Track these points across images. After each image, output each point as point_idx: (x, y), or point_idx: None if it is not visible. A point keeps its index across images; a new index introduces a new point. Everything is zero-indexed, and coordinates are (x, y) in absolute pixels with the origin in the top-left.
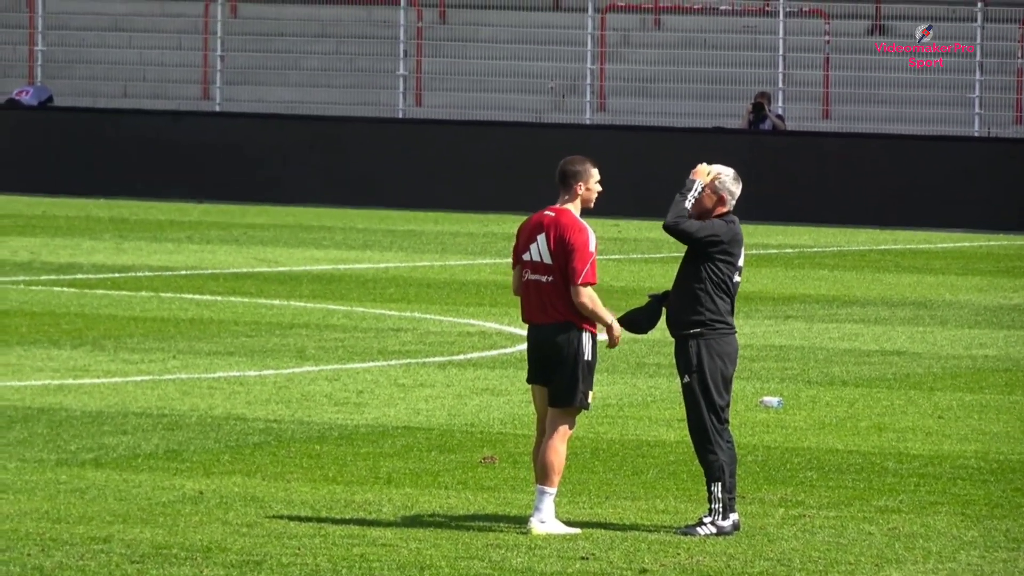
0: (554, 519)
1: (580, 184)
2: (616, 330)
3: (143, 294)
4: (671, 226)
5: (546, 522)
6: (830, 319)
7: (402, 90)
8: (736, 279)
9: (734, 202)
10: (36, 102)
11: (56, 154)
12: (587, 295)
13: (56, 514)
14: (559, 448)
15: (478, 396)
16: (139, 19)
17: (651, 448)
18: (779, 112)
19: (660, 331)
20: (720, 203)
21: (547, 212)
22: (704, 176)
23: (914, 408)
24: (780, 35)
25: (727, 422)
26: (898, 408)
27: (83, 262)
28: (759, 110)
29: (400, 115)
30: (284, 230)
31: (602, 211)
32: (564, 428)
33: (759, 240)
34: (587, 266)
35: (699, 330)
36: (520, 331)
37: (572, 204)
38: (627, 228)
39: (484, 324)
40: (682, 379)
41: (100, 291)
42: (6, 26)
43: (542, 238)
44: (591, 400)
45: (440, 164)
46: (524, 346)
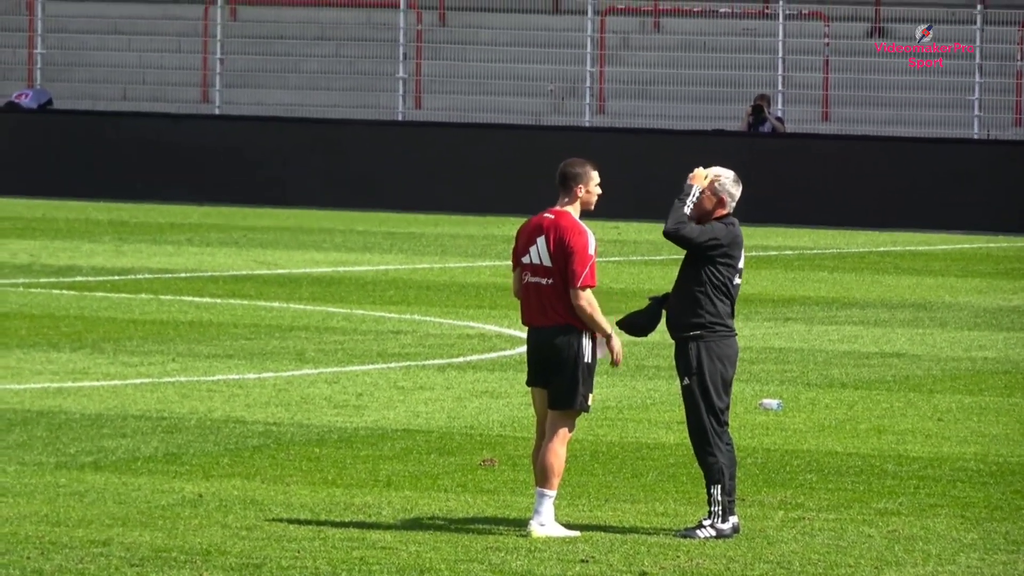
0: (554, 522)
1: (580, 186)
2: (616, 345)
3: (142, 297)
4: (671, 232)
5: (546, 525)
6: (829, 321)
7: (402, 92)
8: (736, 281)
9: (734, 204)
10: (36, 105)
11: (56, 157)
12: (586, 299)
13: (55, 517)
14: (559, 451)
15: (478, 399)
16: (139, 22)
17: (651, 451)
18: (779, 114)
19: (660, 333)
20: (720, 205)
21: (547, 214)
22: (702, 180)
23: (913, 410)
24: (779, 37)
25: (727, 424)
26: (897, 410)
27: (82, 265)
28: (759, 112)
29: (400, 117)
30: (284, 232)
31: (602, 213)
32: (564, 431)
33: (758, 242)
34: (587, 269)
35: (699, 332)
36: (520, 333)
37: (572, 206)
38: (627, 230)
39: (484, 326)
40: (682, 381)
41: (99, 294)
42: (6, 29)
43: (542, 240)
44: (591, 403)
45: (440, 166)
46: (524, 349)
